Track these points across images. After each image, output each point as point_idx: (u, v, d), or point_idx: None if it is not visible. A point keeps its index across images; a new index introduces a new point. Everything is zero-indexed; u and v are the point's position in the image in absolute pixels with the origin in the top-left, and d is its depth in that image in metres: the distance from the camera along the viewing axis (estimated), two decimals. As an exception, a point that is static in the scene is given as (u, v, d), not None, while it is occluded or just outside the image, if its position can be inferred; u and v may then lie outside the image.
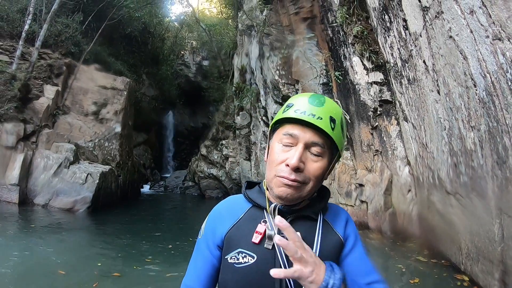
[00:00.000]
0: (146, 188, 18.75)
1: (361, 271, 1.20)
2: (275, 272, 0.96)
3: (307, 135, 1.11)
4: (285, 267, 1.08)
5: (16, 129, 10.22)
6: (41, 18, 12.76)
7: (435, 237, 5.89)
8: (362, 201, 8.11)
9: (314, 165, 1.13)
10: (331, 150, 1.17)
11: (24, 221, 8.41)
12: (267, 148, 1.26)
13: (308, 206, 1.22)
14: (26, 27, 11.46)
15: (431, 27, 4.76)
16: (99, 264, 5.86)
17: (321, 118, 1.10)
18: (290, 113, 1.13)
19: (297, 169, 1.10)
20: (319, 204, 1.24)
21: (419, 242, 6.49)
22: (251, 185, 1.34)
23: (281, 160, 1.13)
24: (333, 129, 1.12)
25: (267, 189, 1.22)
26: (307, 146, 1.12)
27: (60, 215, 9.53)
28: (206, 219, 1.28)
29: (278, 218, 0.98)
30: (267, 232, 1.14)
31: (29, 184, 10.14)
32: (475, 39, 3.66)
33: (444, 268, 5.16)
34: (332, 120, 1.12)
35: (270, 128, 1.26)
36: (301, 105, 1.13)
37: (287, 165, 1.10)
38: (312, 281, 0.96)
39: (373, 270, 1.23)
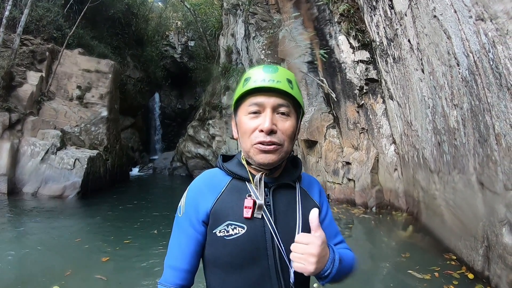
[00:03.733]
0: (135, 171, 18.80)
1: (331, 234, 1.36)
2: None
3: (271, 100, 1.18)
4: (274, 234, 1.18)
5: (1, 119, 10.00)
6: (21, 3, 12.34)
7: (420, 211, 6.07)
8: (349, 179, 8.24)
9: (285, 125, 1.20)
10: (295, 109, 1.24)
11: (14, 210, 8.37)
12: (234, 126, 1.31)
13: (284, 175, 1.30)
14: (7, 13, 11.04)
15: (416, 6, 4.78)
16: (87, 246, 5.95)
17: (280, 81, 1.18)
18: (251, 84, 1.19)
19: (271, 132, 1.17)
20: (294, 172, 1.33)
21: (404, 216, 6.67)
22: (225, 158, 1.38)
23: (253, 127, 1.19)
24: (292, 88, 1.20)
25: (247, 162, 1.26)
26: (274, 109, 1.18)
27: (50, 202, 9.49)
28: (184, 196, 1.29)
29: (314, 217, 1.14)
30: (259, 202, 1.19)
31: (16, 173, 10.01)
32: (458, 19, 3.69)
33: (431, 243, 5.29)
34: (289, 81, 1.20)
35: (233, 105, 1.30)
36: (258, 75, 1.20)
37: (261, 131, 1.17)
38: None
39: (339, 232, 1.42)
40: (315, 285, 3.99)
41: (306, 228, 1.17)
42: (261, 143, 1.17)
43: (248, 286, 1.19)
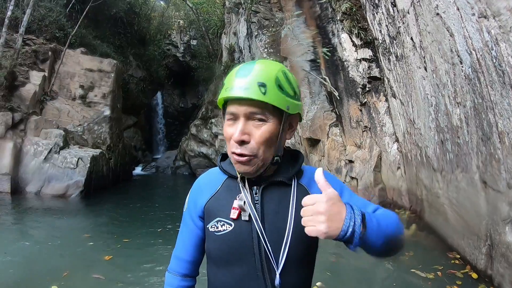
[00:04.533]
0: (138, 170, 18.80)
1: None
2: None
3: (242, 108, 1.12)
4: (261, 234, 1.15)
5: (4, 119, 10.03)
6: (23, 3, 12.38)
7: (423, 210, 6.05)
8: (352, 178, 8.22)
9: (260, 131, 1.13)
10: (277, 112, 1.15)
11: (17, 209, 8.42)
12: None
13: (279, 172, 1.23)
14: (9, 13, 11.07)
15: (418, 4, 4.75)
16: (91, 244, 6.00)
17: (248, 88, 1.09)
18: (223, 93, 1.15)
19: (242, 142, 1.12)
20: (292, 169, 1.25)
21: (407, 215, 6.65)
22: (225, 157, 1.36)
23: (229, 135, 1.16)
24: (264, 93, 1.09)
25: None
26: (249, 118, 1.13)
27: (53, 201, 9.53)
28: (189, 193, 1.36)
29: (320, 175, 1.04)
30: (239, 203, 1.17)
31: (20, 172, 10.04)
32: (461, 17, 3.67)
33: (434, 242, 5.27)
34: (261, 85, 1.10)
35: (221, 109, 1.27)
36: (230, 82, 1.15)
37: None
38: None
39: (366, 204, 1.24)
40: (317, 283, 3.98)
41: (298, 228, 1.12)
42: (235, 153, 1.14)
43: (235, 282, 1.20)
